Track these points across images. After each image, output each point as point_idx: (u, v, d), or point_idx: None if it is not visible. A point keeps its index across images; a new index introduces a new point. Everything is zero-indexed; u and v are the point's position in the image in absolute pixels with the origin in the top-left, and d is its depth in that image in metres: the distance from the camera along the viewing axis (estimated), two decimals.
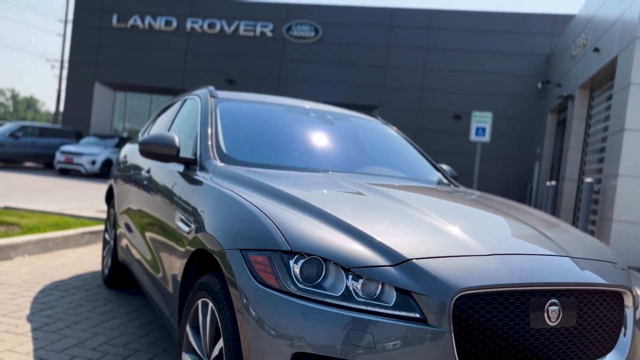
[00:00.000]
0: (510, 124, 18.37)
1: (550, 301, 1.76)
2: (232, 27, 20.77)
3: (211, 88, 3.40)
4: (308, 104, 3.62)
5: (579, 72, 12.88)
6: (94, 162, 17.44)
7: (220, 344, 1.87)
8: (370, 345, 1.58)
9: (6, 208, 7.37)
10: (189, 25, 21.20)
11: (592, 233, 10.48)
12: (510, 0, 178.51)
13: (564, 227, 2.48)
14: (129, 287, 4.38)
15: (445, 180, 3.40)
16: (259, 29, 20.58)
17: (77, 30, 22.88)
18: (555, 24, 18.00)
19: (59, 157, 17.56)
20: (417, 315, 1.62)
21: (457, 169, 14.47)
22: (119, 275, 4.27)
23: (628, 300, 2.00)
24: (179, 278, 2.39)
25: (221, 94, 3.36)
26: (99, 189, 13.41)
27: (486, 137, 10.52)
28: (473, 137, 10.63)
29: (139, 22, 21.67)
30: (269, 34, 20.49)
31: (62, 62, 38.18)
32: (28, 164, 20.40)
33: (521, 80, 18.39)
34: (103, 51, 22.23)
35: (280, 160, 2.89)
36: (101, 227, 6.43)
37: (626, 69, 9.08)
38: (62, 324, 3.40)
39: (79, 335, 3.24)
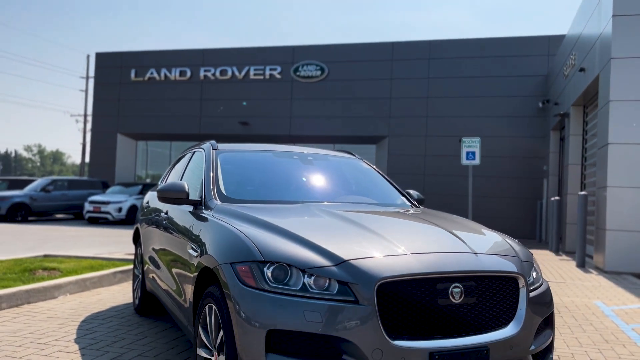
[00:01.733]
0: (517, 144, 18.92)
1: (453, 285, 2.44)
2: (243, 73, 21.93)
3: (213, 142, 4.19)
4: (293, 149, 4.39)
5: (571, 90, 13.51)
6: (120, 209, 18.45)
7: (222, 334, 2.58)
8: (320, 320, 2.27)
9: (46, 256, 8.23)
10: (202, 73, 22.44)
11: (590, 243, 10.94)
12: (506, 25, 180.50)
13: (481, 231, 3.17)
14: (156, 314, 5.11)
15: (407, 203, 4.10)
16: (268, 72, 21.69)
17: (98, 86, 24.34)
18: (551, 45, 18.67)
19: (87, 206, 18.64)
20: (352, 299, 2.32)
21: (465, 190, 14.54)
22: (147, 304, 5.01)
23: (522, 283, 2.65)
24: (192, 293, 3.11)
25: (221, 146, 4.15)
26: (126, 234, 14.31)
27: (476, 160, 11.15)
28: (464, 161, 11.26)
29: (155, 75, 23.02)
30: (278, 76, 21.57)
31: (85, 116, 40.10)
32: (59, 215, 21.53)
33: (523, 101, 19.01)
34: (123, 104, 23.58)
35: (268, 196, 3.63)
36: (130, 266, 7.21)
37: (606, 87, 9.71)
38: (104, 343, 4.14)
39: (117, 351, 3.97)
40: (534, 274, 2.87)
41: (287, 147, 4.42)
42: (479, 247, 2.76)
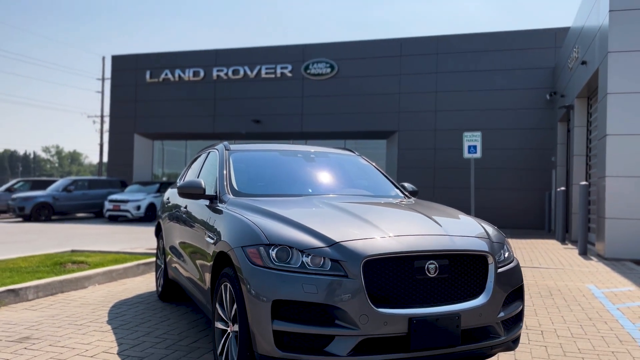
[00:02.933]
0: (525, 136, 19.18)
1: (429, 261, 2.89)
2: (255, 72, 22.44)
3: (226, 143, 4.68)
4: (298, 148, 4.86)
5: (575, 83, 13.79)
6: (139, 207, 19.10)
7: (235, 307, 3.05)
8: (316, 291, 2.74)
9: (73, 251, 8.81)
10: (215, 73, 23.00)
11: (593, 231, 11.26)
12: (520, 14, 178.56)
13: (458, 217, 3.62)
14: (177, 300, 5.63)
15: (401, 195, 4.54)
16: (279, 71, 22.18)
17: (115, 88, 25.04)
18: (557, 37, 18.87)
19: (107, 205, 19.32)
20: (343, 274, 2.78)
21: (475, 183, 14.72)
22: (169, 291, 5.53)
23: (490, 261, 3.09)
24: (210, 275, 3.59)
25: (233, 146, 4.63)
26: (145, 230, 14.91)
27: (478, 154, 11.50)
28: (466, 154, 11.63)
29: (169, 76, 23.63)
30: (289, 74, 22.05)
31: (102, 117, 40.96)
32: (80, 214, 22.27)
33: (531, 93, 19.24)
34: (140, 105, 24.25)
35: (275, 190, 4.10)
36: (151, 259, 7.75)
37: (604, 80, 10.02)
38: (133, 324, 4.66)
39: (145, 330, 4.48)
40: (506, 254, 3.30)
41: (292, 147, 4.89)
42: (454, 229, 3.20)
